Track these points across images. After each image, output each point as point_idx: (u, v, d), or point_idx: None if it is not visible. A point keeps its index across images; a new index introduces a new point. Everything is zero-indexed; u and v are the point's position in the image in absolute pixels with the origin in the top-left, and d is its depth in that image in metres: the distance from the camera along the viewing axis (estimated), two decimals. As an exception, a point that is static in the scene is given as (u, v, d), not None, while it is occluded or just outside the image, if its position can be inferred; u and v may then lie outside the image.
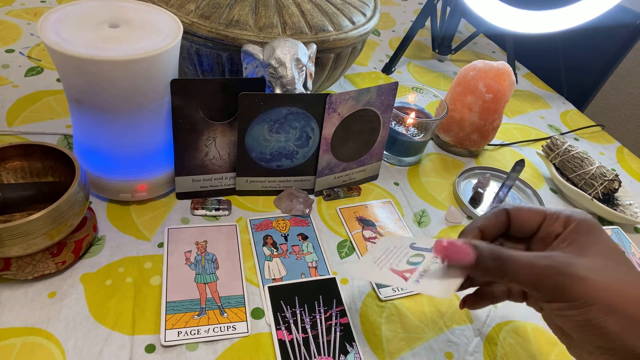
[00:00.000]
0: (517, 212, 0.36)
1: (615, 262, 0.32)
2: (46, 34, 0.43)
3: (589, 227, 0.33)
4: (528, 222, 0.36)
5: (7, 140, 0.61)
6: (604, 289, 0.30)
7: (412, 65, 0.98)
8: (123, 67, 0.43)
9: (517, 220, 0.36)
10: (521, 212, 0.36)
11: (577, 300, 0.30)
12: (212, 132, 0.54)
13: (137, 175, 0.53)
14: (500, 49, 1.14)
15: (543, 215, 0.35)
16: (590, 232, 0.33)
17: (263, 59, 0.54)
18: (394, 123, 0.68)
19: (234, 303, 0.47)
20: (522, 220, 0.36)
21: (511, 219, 0.37)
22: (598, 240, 0.33)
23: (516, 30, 0.87)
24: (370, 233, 0.58)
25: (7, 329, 0.42)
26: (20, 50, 0.78)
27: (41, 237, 0.41)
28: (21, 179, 0.49)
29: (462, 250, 0.31)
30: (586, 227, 0.33)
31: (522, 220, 0.36)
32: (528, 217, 0.36)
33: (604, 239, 0.33)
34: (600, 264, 0.31)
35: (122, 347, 0.42)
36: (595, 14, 0.80)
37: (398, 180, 0.68)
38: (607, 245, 0.32)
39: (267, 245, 0.54)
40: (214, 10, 0.59)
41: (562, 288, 0.30)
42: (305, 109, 0.54)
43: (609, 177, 0.66)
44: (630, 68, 1.51)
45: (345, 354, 0.45)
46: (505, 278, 0.31)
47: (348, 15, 0.66)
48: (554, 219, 0.35)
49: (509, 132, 0.84)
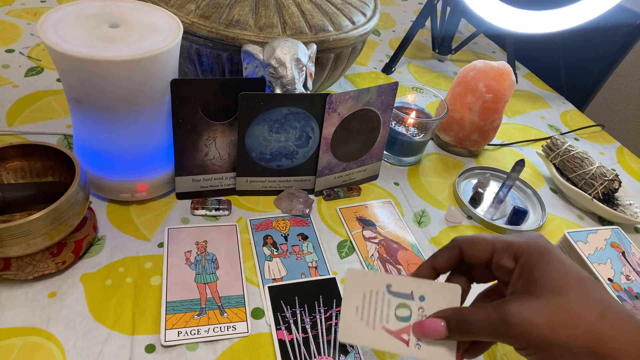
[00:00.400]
0: (468, 245, 0.37)
1: (568, 292, 0.31)
2: (46, 34, 0.43)
3: (537, 258, 0.33)
4: (479, 255, 0.36)
5: (7, 140, 0.61)
6: (553, 330, 0.30)
7: (412, 65, 0.98)
8: (123, 67, 0.43)
9: (469, 254, 0.37)
10: (472, 245, 0.37)
11: (532, 347, 0.31)
12: (212, 132, 0.54)
13: (137, 175, 0.53)
14: (500, 49, 1.14)
15: (492, 247, 0.36)
16: (538, 264, 0.33)
17: (263, 59, 0.54)
18: (394, 123, 0.68)
19: (234, 303, 0.47)
20: (474, 253, 0.37)
21: (463, 252, 0.37)
22: (547, 272, 0.32)
23: (516, 30, 0.87)
24: (370, 233, 0.58)
25: (7, 329, 0.42)
26: (20, 50, 0.78)
27: (41, 237, 0.41)
28: (21, 179, 0.49)
29: (435, 327, 0.34)
30: (534, 260, 0.33)
31: (474, 253, 0.36)
32: (478, 249, 0.36)
33: (553, 267, 0.32)
34: (550, 303, 0.31)
35: (122, 347, 0.42)
36: (595, 14, 0.80)
37: (398, 180, 0.68)
38: (557, 274, 0.32)
39: (267, 245, 0.54)
40: (214, 10, 0.59)
41: (517, 337, 0.31)
42: (305, 109, 0.54)
43: (609, 177, 0.66)
44: (630, 68, 1.51)
45: (345, 354, 0.45)
46: (471, 336, 0.33)
47: (348, 15, 0.66)
48: (503, 252, 0.35)
49: (509, 132, 0.84)
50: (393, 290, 0.37)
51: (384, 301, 0.37)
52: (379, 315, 0.36)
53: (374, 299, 0.37)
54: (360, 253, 0.55)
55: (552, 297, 0.31)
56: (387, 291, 0.37)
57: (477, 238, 0.37)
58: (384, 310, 0.37)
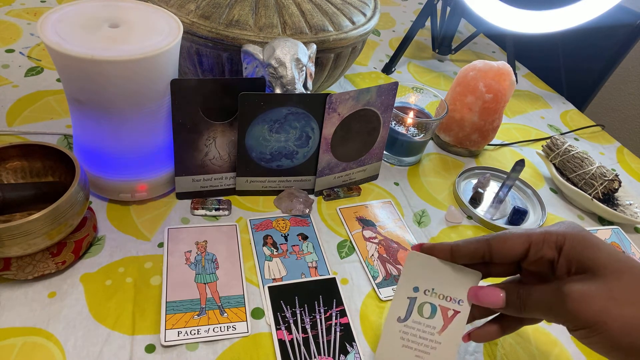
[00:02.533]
0: (500, 242, 0.36)
1: (623, 274, 0.32)
2: (46, 34, 0.43)
3: (583, 244, 0.33)
4: (513, 251, 0.36)
5: (7, 140, 0.61)
6: (617, 306, 0.30)
7: (412, 65, 0.98)
8: (123, 67, 0.43)
9: (500, 251, 0.36)
10: (505, 242, 0.36)
11: (590, 324, 0.31)
12: (212, 132, 0.54)
13: (137, 175, 0.53)
14: (500, 49, 1.14)
15: (528, 241, 0.35)
16: (586, 250, 0.33)
17: (263, 59, 0.54)
18: (394, 123, 0.68)
19: (234, 303, 0.47)
20: (506, 250, 0.36)
21: (493, 250, 0.36)
22: (597, 257, 0.32)
23: (516, 30, 0.87)
24: (370, 233, 0.58)
25: (7, 329, 0.42)
26: (20, 50, 0.78)
27: (41, 237, 0.41)
28: (21, 179, 0.49)
29: (494, 295, 0.35)
30: (580, 246, 0.33)
31: (506, 249, 0.36)
32: (513, 245, 0.36)
33: (602, 252, 0.33)
34: (609, 283, 0.31)
35: (122, 347, 0.42)
36: (595, 14, 0.80)
37: (398, 180, 0.68)
38: (608, 259, 0.32)
39: (267, 245, 0.54)
40: (214, 10, 0.59)
41: (575, 314, 0.31)
42: (305, 109, 0.54)
43: (609, 177, 0.66)
44: (630, 68, 1.51)
45: (345, 354, 0.45)
46: (526, 311, 0.34)
47: (348, 15, 0.66)
48: (541, 243, 0.35)
49: (509, 132, 0.84)
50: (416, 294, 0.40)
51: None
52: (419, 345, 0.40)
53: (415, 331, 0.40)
54: (360, 253, 0.55)
55: (609, 277, 0.31)
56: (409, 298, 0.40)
57: (509, 234, 0.36)
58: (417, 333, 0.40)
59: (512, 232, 0.36)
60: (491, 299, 0.35)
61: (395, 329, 0.40)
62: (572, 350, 0.49)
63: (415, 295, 0.39)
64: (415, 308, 0.39)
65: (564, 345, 0.50)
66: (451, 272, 0.38)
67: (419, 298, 0.39)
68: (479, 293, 0.36)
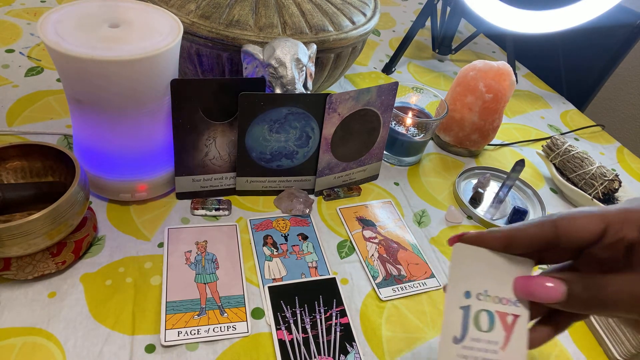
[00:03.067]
0: (570, 222, 0.29)
1: None
2: (46, 34, 0.43)
3: None
4: (586, 232, 0.29)
5: (7, 140, 0.61)
6: None
7: (412, 65, 0.98)
8: (123, 67, 0.43)
9: (570, 233, 0.29)
10: (575, 221, 0.29)
11: None
12: (212, 132, 0.54)
13: (137, 175, 0.53)
14: (500, 49, 1.14)
15: (604, 221, 0.28)
16: None
17: (263, 59, 0.54)
18: (394, 123, 0.68)
19: (234, 303, 0.47)
20: (577, 232, 0.29)
21: (560, 232, 0.29)
22: None
23: (516, 30, 0.87)
24: (370, 233, 0.58)
25: (7, 329, 0.42)
26: (20, 50, 0.78)
27: (41, 237, 0.41)
28: (21, 179, 0.49)
29: (553, 286, 0.28)
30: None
31: (577, 231, 0.29)
32: (586, 226, 0.29)
33: None
34: None
35: (122, 347, 0.42)
36: (595, 14, 0.80)
37: (398, 180, 0.68)
38: None
39: (267, 245, 0.54)
40: (214, 10, 0.59)
41: None
42: (305, 109, 0.54)
43: (609, 177, 0.66)
44: (630, 68, 1.51)
45: (345, 354, 0.45)
46: (599, 308, 0.28)
47: (348, 15, 0.66)
48: (621, 224, 0.28)
49: (509, 132, 0.84)
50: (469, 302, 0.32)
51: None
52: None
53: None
54: (360, 253, 0.55)
55: None
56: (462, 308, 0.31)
57: (578, 213, 0.29)
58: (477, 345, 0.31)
59: (581, 211, 0.29)
60: (548, 292, 0.28)
61: (452, 354, 0.31)
62: (572, 350, 0.49)
63: (469, 303, 0.31)
64: (471, 320, 0.31)
65: (564, 345, 0.50)
66: (500, 264, 0.31)
67: (473, 306, 0.31)
68: (531, 285, 0.29)
